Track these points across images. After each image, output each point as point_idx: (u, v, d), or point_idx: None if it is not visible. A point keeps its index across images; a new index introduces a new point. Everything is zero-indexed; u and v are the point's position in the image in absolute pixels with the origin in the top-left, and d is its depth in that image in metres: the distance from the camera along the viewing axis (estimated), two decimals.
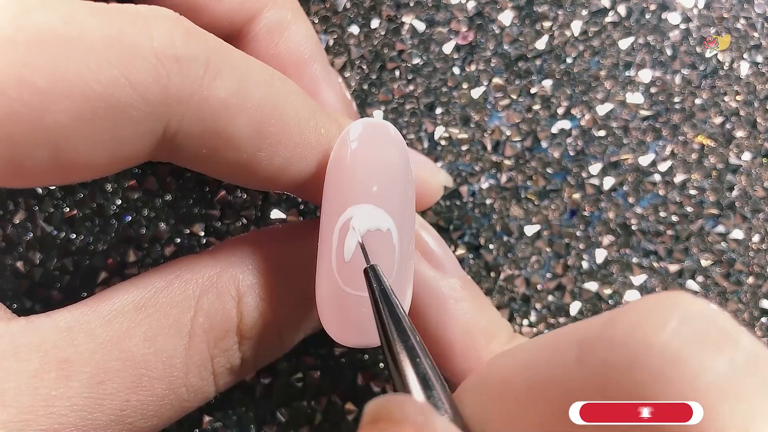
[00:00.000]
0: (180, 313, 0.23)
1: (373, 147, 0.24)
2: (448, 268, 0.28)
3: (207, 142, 0.21)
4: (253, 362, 0.26)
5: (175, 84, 0.20)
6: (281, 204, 0.33)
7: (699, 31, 0.34)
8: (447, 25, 0.33)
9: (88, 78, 0.19)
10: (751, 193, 0.33)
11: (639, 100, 0.33)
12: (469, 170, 0.33)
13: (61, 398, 0.21)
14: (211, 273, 0.24)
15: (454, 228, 0.33)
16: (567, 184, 0.33)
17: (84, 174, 0.21)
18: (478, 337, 0.26)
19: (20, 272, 0.31)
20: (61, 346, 0.21)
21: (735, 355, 0.16)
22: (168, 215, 0.32)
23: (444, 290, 0.27)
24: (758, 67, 0.34)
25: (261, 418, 0.31)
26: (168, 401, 0.23)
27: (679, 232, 0.33)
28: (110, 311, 0.22)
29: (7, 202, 0.31)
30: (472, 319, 0.27)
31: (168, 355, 0.23)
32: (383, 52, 0.33)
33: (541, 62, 0.33)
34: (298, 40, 0.28)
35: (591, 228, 0.33)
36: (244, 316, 0.24)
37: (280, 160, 0.23)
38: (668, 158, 0.33)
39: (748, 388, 0.16)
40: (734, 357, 0.16)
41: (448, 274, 0.27)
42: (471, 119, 0.33)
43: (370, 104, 0.33)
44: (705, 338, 0.16)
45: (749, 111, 0.33)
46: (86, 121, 0.19)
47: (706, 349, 0.16)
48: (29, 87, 0.18)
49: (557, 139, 0.33)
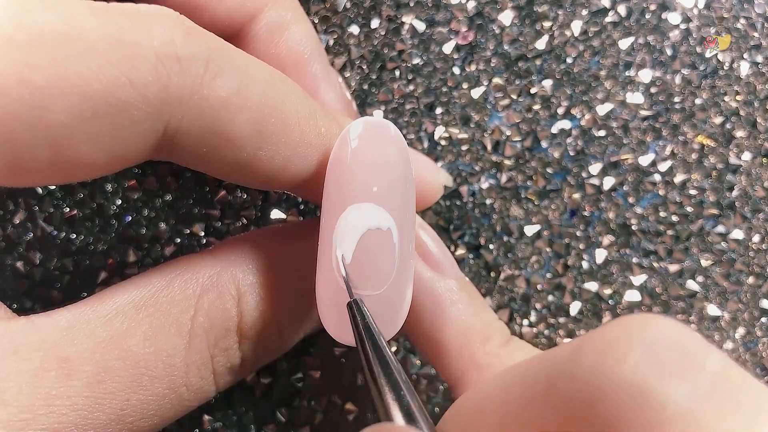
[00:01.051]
0: (180, 313, 0.23)
1: (374, 146, 0.24)
2: (445, 269, 0.28)
3: (207, 141, 0.21)
4: (253, 361, 0.26)
5: (175, 83, 0.20)
6: (281, 204, 0.33)
7: (699, 31, 0.34)
8: (447, 25, 0.33)
9: (88, 77, 0.19)
10: (751, 193, 0.33)
11: (639, 100, 0.33)
12: (469, 170, 0.33)
13: (61, 397, 0.20)
14: (211, 272, 0.24)
15: (454, 228, 0.33)
16: (567, 184, 0.33)
17: (84, 173, 0.21)
18: (473, 338, 0.26)
19: (20, 272, 0.31)
20: (61, 345, 0.21)
21: (699, 380, 0.16)
22: (168, 215, 0.32)
23: (440, 291, 0.27)
24: (758, 67, 0.34)
25: (261, 418, 0.31)
26: (168, 400, 0.23)
27: (679, 232, 0.33)
28: (110, 310, 0.22)
29: (7, 202, 0.31)
30: (467, 320, 0.27)
31: (168, 355, 0.22)
32: (383, 52, 0.33)
33: (541, 62, 0.33)
34: (298, 40, 0.28)
35: (591, 228, 0.33)
36: (244, 316, 0.24)
37: (280, 159, 0.23)
38: (668, 158, 0.33)
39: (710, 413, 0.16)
40: (698, 382, 0.16)
41: (446, 275, 0.27)
42: (471, 119, 0.33)
43: (370, 104, 0.33)
44: (668, 366, 0.16)
45: (749, 111, 0.33)
46: (86, 120, 0.19)
47: (669, 379, 0.16)
48: (29, 86, 0.18)
49: (557, 139, 0.33)
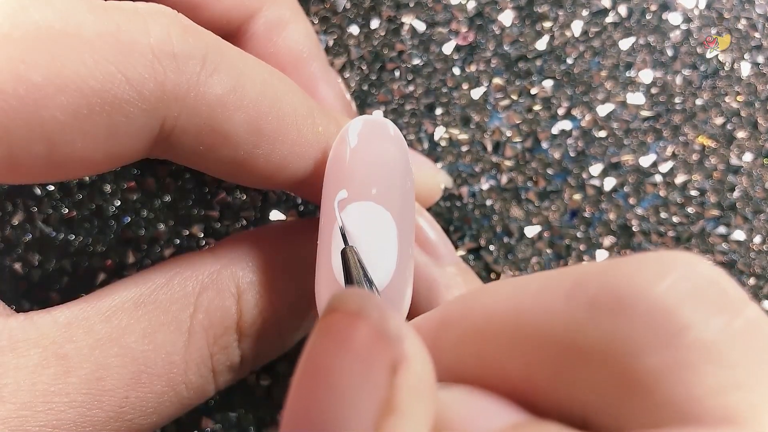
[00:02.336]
0: (179, 310, 0.23)
1: (373, 145, 0.24)
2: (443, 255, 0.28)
3: (204, 139, 0.21)
4: (253, 360, 0.25)
5: (171, 80, 0.20)
6: (280, 205, 0.32)
7: (700, 31, 0.34)
8: (447, 25, 0.33)
9: (84, 74, 0.19)
10: (752, 194, 0.33)
11: (640, 101, 0.33)
12: (469, 171, 0.33)
13: (60, 394, 0.20)
14: (210, 270, 0.24)
15: (455, 229, 0.33)
16: (567, 185, 0.33)
17: (81, 170, 0.21)
18: None
19: (19, 274, 0.31)
20: (59, 342, 0.21)
21: (733, 319, 0.15)
22: (167, 216, 0.32)
23: (436, 277, 0.27)
24: (759, 68, 0.34)
25: (260, 420, 0.31)
26: (167, 398, 0.23)
27: (680, 234, 0.33)
28: (110, 307, 0.22)
29: (5, 203, 0.31)
30: None
31: (167, 352, 0.22)
32: (383, 52, 0.33)
33: (542, 63, 0.33)
34: (296, 39, 0.28)
35: (592, 229, 0.33)
36: (243, 314, 0.24)
37: (278, 157, 0.23)
38: (669, 159, 0.33)
39: (738, 355, 0.15)
40: (731, 321, 0.15)
41: (444, 261, 0.27)
42: (471, 120, 0.33)
43: (370, 105, 0.33)
44: (703, 298, 0.16)
45: (750, 112, 0.33)
46: (82, 117, 0.19)
47: (701, 308, 0.15)
48: (26, 83, 0.18)
49: (558, 140, 0.33)
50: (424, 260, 0.27)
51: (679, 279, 0.16)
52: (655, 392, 0.15)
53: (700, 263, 0.16)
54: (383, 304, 0.15)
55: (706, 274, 0.16)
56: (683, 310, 0.15)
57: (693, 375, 0.15)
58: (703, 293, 0.16)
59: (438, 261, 0.27)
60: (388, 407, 0.14)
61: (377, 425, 0.14)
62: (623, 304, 0.16)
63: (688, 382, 0.15)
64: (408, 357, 0.15)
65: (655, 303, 0.15)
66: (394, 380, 0.14)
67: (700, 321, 0.15)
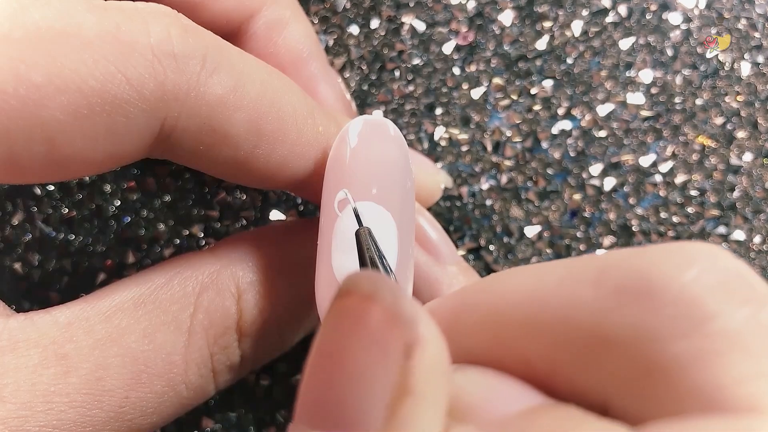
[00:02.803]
0: (179, 310, 0.23)
1: (373, 145, 0.24)
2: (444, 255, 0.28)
3: (204, 139, 0.21)
4: (253, 360, 0.25)
5: (171, 80, 0.20)
6: (280, 205, 0.32)
7: (700, 31, 0.34)
8: (447, 25, 0.33)
9: (84, 74, 0.19)
10: (752, 194, 0.33)
11: (640, 101, 0.33)
12: (469, 171, 0.33)
13: (60, 394, 0.20)
14: (211, 270, 0.24)
15: (455, 229, 0.33)
16: (567, 185, 0.33)
17: (80, 170, 0.21)
18: None
19: (19, 273, 0.31)
20: (60, 342, 0.21)
21: (760, 312, 0.15)
22: (167, 216, 0.32)
23: (438, 276, 0.27)
24: (759, 68, 0.34)
25: (260, 420, 0.31)
26: (167, 398, 0.23)
27: (680, 233, 0.33)
28: (110, 307, 0.22)
29: (5, 203, 0.31)
30: None
31: (167, 352, 0.22)
32: (383, 52, 0.33)
33: (542, 63, 0.33)
34: (296, 39, 0.28)
35: (592, 229, 0.33)
36: (243, 314, 0.24)
37: (278, 157, 0.23)
38: (669, 159, 0.33)
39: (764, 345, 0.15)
40: (758, 312, 0.15)
41: (445, 261, 0.27)
42: (471, 120, 0.33)
43: (370, 105, 0.33)
44: (730, 289, 0.16)
45: (750, 111, 0.33)
46: (82, 116, 0.19)
47: (727, 298, 0.15)
48: (25, 83, 0.18)
49: (558, 140, 0.33)
50: (425, 260, 0.27)
51: (706, 269, 0.16)
52: (679, 379, 0.15)
53: (723, 255, 0.16)
54: (397, 287, 0.15)
55: (731, 266, 0.16)
56: (709, 300, 0.15)
57: (718, 363, 0.15)
58: (729, 285, 0.16)
59: (439, 260, 0.27)
60: (403, 390, 0.14)
61: (391, 408, 0.14)
62: (650, 292, 0.16)
63: (713, 370, 0.15)
64: (422, 340, 0.15)
65: (681, 292, 0.16)
66: (408, 363, 0.14)
67: (726, 311, 0.15)
